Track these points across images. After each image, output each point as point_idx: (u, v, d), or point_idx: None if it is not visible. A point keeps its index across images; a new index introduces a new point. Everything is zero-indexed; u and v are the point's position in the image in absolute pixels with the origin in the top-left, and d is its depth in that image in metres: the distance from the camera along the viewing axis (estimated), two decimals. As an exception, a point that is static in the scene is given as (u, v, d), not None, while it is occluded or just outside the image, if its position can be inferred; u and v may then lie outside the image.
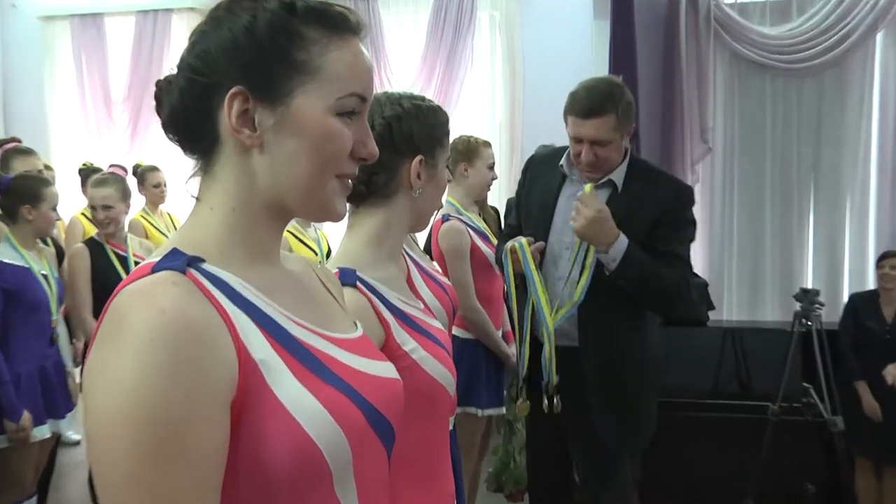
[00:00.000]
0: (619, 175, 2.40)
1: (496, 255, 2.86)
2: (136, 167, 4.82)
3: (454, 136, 2.95)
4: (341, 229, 1.39)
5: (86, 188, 4.13)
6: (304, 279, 0.98)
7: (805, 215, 5.03)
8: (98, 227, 3.42)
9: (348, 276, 1.23)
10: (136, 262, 3.39)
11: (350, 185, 0.92)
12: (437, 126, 1.38)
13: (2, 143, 4.00)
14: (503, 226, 4.50)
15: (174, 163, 4.93)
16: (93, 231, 3.49)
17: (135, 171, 4.76)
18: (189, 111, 0.86)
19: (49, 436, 3.17)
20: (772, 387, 3.59)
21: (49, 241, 3.53)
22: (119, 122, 6.20)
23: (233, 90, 0.83)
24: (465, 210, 3.23)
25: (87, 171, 4.67)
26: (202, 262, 0.81)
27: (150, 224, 4.59)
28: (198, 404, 0.71)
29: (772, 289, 5.07)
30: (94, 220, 3.42)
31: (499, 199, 5.14)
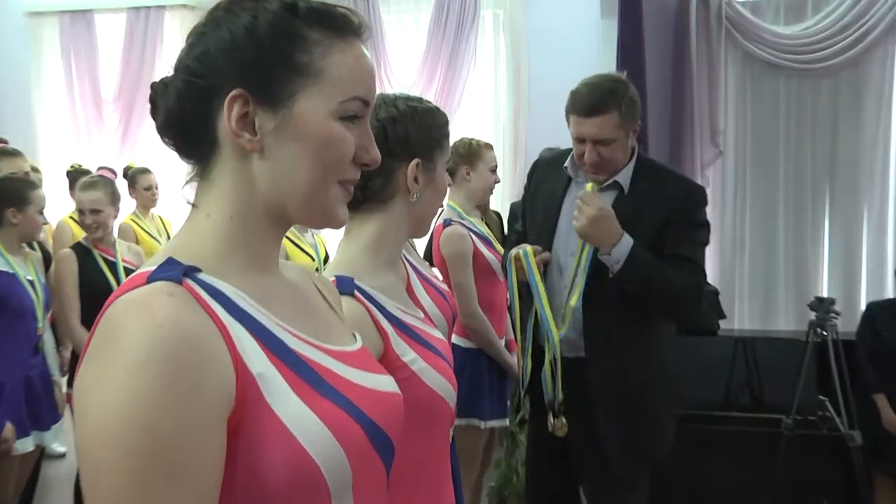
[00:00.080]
0: (626, 176, 2.38)
1: (501, 262, 2.85)
2: (127, 169, 4.83)
3: (455, 138, 2.96)
4: (339, 234, 1.39)
5: (74, 191, 4.13)
6: (302, 289, 0.98)
7: (820, 221, 5.02)
8: (86, 232, 3.42)
9: (346, 285, 1.23)
10: (125, 267, 3.40)
11: (351, 191, 0.92)
12: (435, 128, 1.38)
13: (-13, 145, 4.01)
14: (507, 231, 4.51)
15: (166, 165, 4.95)
16: (82, 235, 3.49)
17: (125, 174, 4.78)
18: (187, 114, 0.86)
19: (32, 448, 3.16)
20: (785, 399, 3.58)
21: (36, 245, 3.53)
22: (109, 122, 6.21)
23: (233, 93, 0.83)
24: (466, 215, 3.23)
25: (75, 174, 4.69)
26: (199, 271, 0.81)
27: (141, 228, 4.59)
28: (194, 420, 0.71)
29: (785, 297, 5.06)
30: (82, 224, 3.43)
31: (502, 203, 5.14)
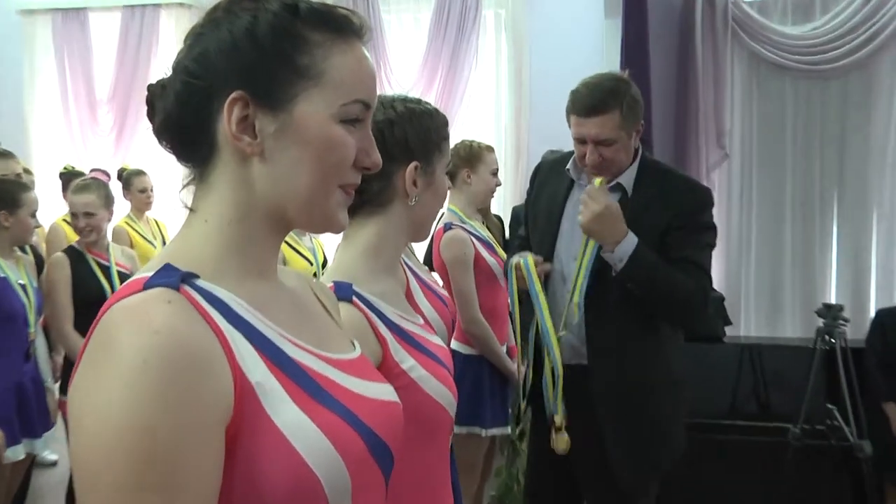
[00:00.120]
0: (629, 178, 2.37)
1: (504, 267, 2.85)
2: (122, 171, 4.82)
3: (456, 139, 2.96)
4: (338, 238, 1.39)
5: (67, 193, 4.13)
6: (301, 295, 0.99)
7: (828, 226, 5.02)
8: (79, 236, 3.41)
9: (344, 291, 1.23)
10: (119, 271, 3.39)
11: (352, 195, 0.92)
12: (434, 130, 1.38)
13: (-22, 146, 4.00)
14: (508, 236, 4.50)
15: (162, 167, 4.95)
16: (76, 238, 3.48)
17: (120, 176, 4.77)
18: (185, 117, 0.86)
19: (23, 457, 3.15)
20: (793, 408, 3.58)
21: (28, 248, 3.53)
22: (104, 123, 6.21)
23: (233, 95, 0.83)
24: (467, 218, 3.22)
25: (68, 175, 4.68)
26: (196, 277, 0.81)
27: (136, 231, 4.58)
28: (192, 431, 0.71)
29: (792, 303, 5.05)
30: (75, 227, 3.42)
31: (503, 207, 5.14)
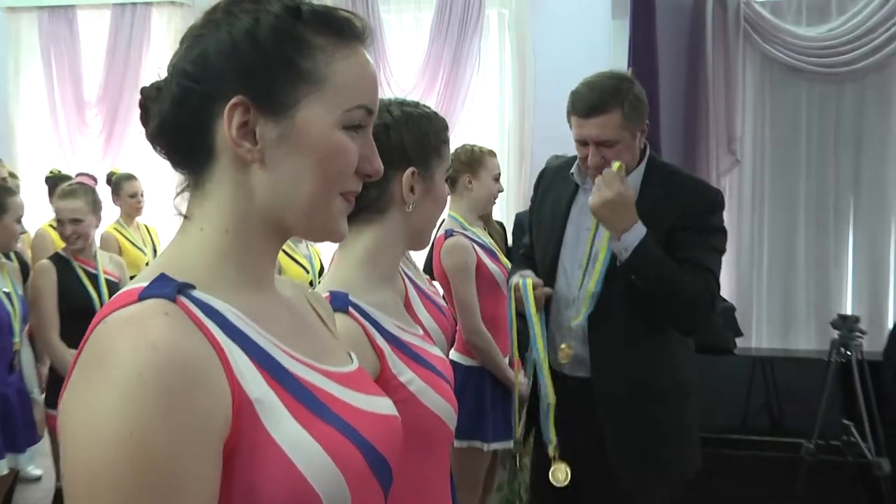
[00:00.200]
0: (636, 179, 2.36)
1: (507, 276, 2.84)
2: (111, 175, 4.83)
3: (457, 144, 2.96)
4: (335, 245, 1.39)
5: (53, 198, 4.13)
6: (297, 306, 0.99)
7: (843, 234, 5.02)
8: (65, 243, 3.41)
9: (340, 301, 1.23)
10: (107, 279, 3.40)
11: (353, 202, 0.92)
12: (432, 134, 1.38)
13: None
14: (510, 243, 4.50)
15: (152, 171, 4.96)
16: (63, 244, 3.48)
17: (109, 180, 4.78)
18: (182, 121, 0.86)
19: (6, 472, 3.14)
20: (807, 422, 3.57)
21: (13, 255, 3.53)
22: (92, 125, 6.22)
23: (234, 100, 0.83)
24: (469, 225, 3.22)
25: (55, 180, 4.69)
26: (193, 288, 0.81)
27: (125, 238, 4.59)
28: (189, 445, 0.71)
29: (806, 314, 5.05)
30: (62, 235, 3.42)
31: (506, 213, 5.15)
